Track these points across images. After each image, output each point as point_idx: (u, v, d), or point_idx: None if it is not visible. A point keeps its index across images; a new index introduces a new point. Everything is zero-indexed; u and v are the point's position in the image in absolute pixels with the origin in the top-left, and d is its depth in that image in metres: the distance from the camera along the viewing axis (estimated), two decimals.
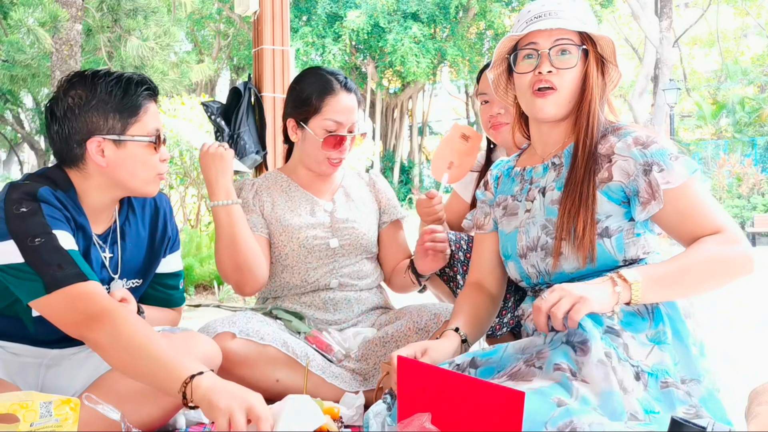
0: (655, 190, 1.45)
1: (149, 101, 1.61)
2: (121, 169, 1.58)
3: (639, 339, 1.39)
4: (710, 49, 23.50)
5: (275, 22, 4.53)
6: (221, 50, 19.94)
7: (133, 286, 1.72)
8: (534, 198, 1.62)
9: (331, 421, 1.61)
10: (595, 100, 1.55)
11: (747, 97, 19.10)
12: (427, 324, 1.98)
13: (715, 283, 1.43)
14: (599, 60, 1.58)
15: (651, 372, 1.33)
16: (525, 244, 1.61)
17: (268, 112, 4.59)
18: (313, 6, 18.12)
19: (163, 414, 1.59)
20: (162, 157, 1.63)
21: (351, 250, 2.10)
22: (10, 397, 1.26)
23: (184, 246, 5.53)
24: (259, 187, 2.16)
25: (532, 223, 1.60)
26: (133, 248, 1.71)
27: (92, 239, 1.62)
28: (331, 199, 2.16)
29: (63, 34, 5.86)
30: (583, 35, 1.56)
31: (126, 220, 1.72)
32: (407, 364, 1.30)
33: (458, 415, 1.20)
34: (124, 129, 1.57)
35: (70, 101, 1.56)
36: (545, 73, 1.53)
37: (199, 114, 6.82)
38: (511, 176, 1.73)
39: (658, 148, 1.48)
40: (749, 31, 24.22)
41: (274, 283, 2.13)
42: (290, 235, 2.07)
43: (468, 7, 18.01)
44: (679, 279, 1.40)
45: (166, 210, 1.80)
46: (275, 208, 2.11)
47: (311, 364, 1.87)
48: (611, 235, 1.50)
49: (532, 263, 1.60)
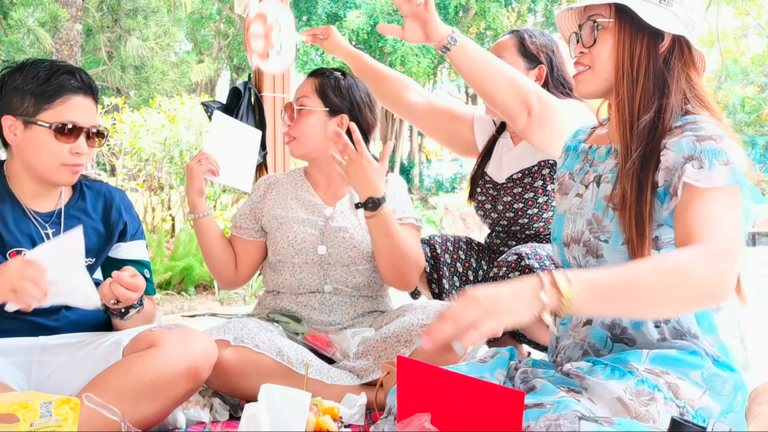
0: (680, 182, 1.27)
1: (73, 94, 1.68)
2: (28, 152, 1.68)
3: (691, 378, 1.28)
4: (710, 49, 23.48)
5: None
6: (221, 50, 19.92)
7: (85, 264, 1.76)
8: (589, 184, 1.47)
9: (331, 421, 1.62)
10: (625, 77, 1.39)
11: (747, 97, 19.10)
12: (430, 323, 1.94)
13: (669, 301, 1.17)
14: (639, 32, 1.39)
15: (695, 415, 1.24)
16: (570, 233, 1.47)
17: (268, 112, 4.59)
18: (313, 6, 18.12)
19: (162, 410, 1.59)
20: (75, 150, 1.68)
21: (339, 258, 2.08)
22: (10, 397, 1.26)
23: (184, 246, 5.52)
24: (274, 183, 2.22)
25: (580, 214, 1.45)
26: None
27: (28, 215, 1.73)
28: (334, 205, 2.15)
29: (63, 34, 5.86)
30: (613, 7, 1.41)
31: (74, 205, 1.80)
32: (407, 363, 1.30)
33: (458, 415, 1.20)
34: (35, 113, 1.66)
35: (2, 80, 1.70)
36: (578, 55, 1.47)
37: (199, 114, 6.81)
38: (578, 151, 1.57)
39: (715, 147, 1.28)
40: (749, 31, 24.21)
41: (273, 276, 2.15)
42: (282, 232, 2.11)
43: (468, 7, 18.01)
44: (627, 290, 1.15)
45: (120, 203, 1.88)
46: (277, 203, 2.16)
47: (309, 369, 1.85)
48: (660, 247, 1.35)
49: (573, 255, 1.47)
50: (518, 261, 2.02)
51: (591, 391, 1.23)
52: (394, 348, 1.91)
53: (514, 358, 1.49)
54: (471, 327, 1.10)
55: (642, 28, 1.40)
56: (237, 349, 1.84)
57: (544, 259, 2.02)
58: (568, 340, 1.51)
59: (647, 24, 1.38)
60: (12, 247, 1.67)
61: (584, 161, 1.54)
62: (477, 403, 1.16)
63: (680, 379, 1.28)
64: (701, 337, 1.36)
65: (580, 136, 1.63)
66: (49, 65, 1.69)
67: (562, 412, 1.12)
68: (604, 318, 1.38)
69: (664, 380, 1.27)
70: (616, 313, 1.27)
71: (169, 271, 5.20)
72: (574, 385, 1.26)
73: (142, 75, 6.82)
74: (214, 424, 1.79)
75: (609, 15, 1.43)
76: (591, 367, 1.30)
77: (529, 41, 2.24)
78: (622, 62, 1.41)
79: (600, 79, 1.45)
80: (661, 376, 1.27)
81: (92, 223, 1.81)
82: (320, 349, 1.99)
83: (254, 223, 2.19)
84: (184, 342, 1.62)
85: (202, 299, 5.34)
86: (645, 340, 1.38)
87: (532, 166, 2.24)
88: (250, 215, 2.20)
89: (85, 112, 1.70)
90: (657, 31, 1.40)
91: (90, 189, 1.86)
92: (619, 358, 1.33)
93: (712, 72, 22.55)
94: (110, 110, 7.17)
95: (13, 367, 1.65)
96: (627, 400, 1.20)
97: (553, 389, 1.23)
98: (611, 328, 1.42)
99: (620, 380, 1.25)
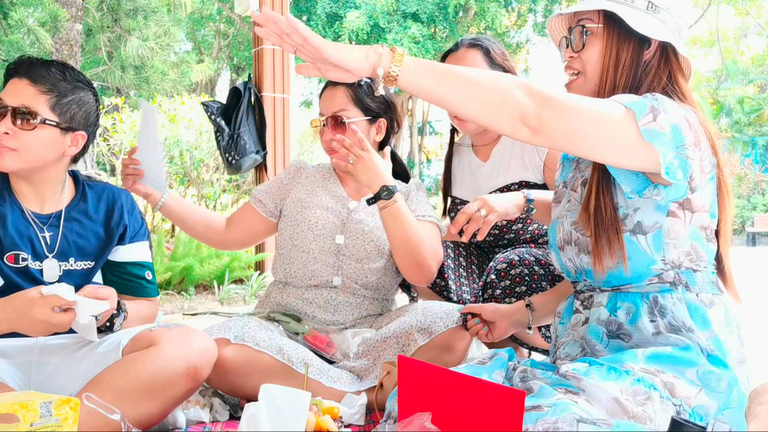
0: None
1: (17, 77, 1.66)
2: None
3: (687, 376, 1.30)
4: (710, 49, 23.49)
5: None
6: (221, 50, 19.93)
7: (84, 267, 1.77)
8: (577, 188, 1.53)
9: (331, 421, 1.62)
10: (607, 82, 1.44)
11: (747, 97, 19.10)
12: (431, 325, 1.93)
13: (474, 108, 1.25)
14: (627, 38, 1.43)
15: (691, 413, 1.26)
16: (561, 236, 1.53)
17: (268, 112, 4.60)
18: (312, 6, 18.13)
19: (161, 409, 1.59)
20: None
21: (356, 251, 2.10)
22: (10, 397, 1.26)
23: (184, 246, 5.53)
24: (304, 168, 2.28)
25: (567, 216, 1.52)
26: (82, 231, 1.77)
27: (27, 217, 1.72)
28: (359, 200, 2.19)
29: (63, 34, 5.86)
30: (602, 14, 1.45)
31: (76, 206, 1.79)
32: (408, 363, 1.30)
33: (458, 414, 1.20)
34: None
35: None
36: (568, 59, 1.49)
37: (199, 114, 6.82)
38: (570, 161, 1.63)
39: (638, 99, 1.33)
40: (749, 31, 24.21)
41: (284, 263, 2.16)
42: (304, 215, 2.14)
43: (467, 7, 18.01)
44: (451, 74, 1.25)
45: (123, 203, 1.87)
46: (304, 189, 2.20)
47: (309, 369, 1.85)
48: (646, 231, 1.39)
49: (569, 257, 1.52)
50: (508, 269, 2.06)
51: (588, 392, 1.23)
52: (393, 348, 1.91)
53: (512, 359, 1.49)
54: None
55: (629, 34, 1.43)
56: (237, 348, 1.84)
57: (532, 264, 2.03)
58: (566, 338, 1.52)
59: (634, 30, 1.41)
60: (10, 250, 1.67)
61: (575, 169, 1.57)
62: (477, 403, 1.16)
63: (676, 378, 1.28)
64: (696, 331, 1.36)
65: None
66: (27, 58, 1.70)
67: (559, 414, 1.12)
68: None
69: (660, 379, 1.27)
70: (436, 90, 1.27)
71: (169, 271, 5.20)
72: (571, 386, 1.26)
73: (142, 75, 6.82)
74: (214, 424, 1.79)
75: (598, 21, 1.45)
76: (587, 367, 1.30)
77: (495, 52, 2.25)
78: (606, 67, 1.44)
79: (591, 84, 1.47)
80: (657, 375, 1.28)
81: (93, 226, 1.80)
82: (320, 349, 1.98)
83: (275, 202, 2.24)
84: (184, 341, 1.62)
85: (202, 299, 5.33)
86: (641, 335, 1.39)
87: (511, 185, 2.27)
88: (275, 193, 2.24)
89: (14, 92, 1.66)
90: (644, 38, 1.43)
91: (92, 190, 1.85)
92: (615, 358, 1.33)
93: (712, 72, 22.55)
94: (110, 110, 7.17)
95: (12, 368, 1.65)
96: (623, 400, 1.21)
97: (551, 392, 1.23)
98: (608, 324, 1.43)
99: (616, 380, 1.25)
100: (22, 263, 1.67)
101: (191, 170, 6.64)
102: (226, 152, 4.49)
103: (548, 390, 1.24)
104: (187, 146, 6.63)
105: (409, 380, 1.28)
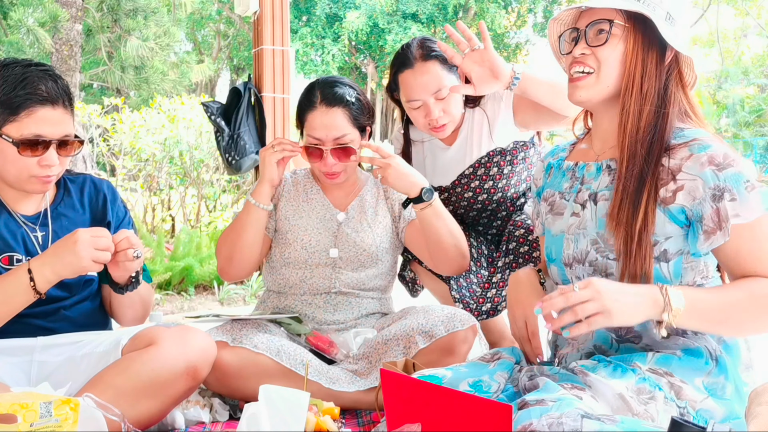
0: (722, 221, 1.28)
1: (40, 105, 1.60)
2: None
3: (695, 383, 1.30)
4: (710, 49, 23.49)
5: (275, 22, 4.53)
6: (221, 50, 19.92)
7: None
8: (584, 202, 1.45)
9: (331, 421, 1.62)
10: (634, 91, 1.37)
11: (747, 97, 19.09)
12: (432, 328, 1.91)
13: (759, 325, 1.29)
14: (651, 45, 1.37)
15: (695, 416, 1.25)
16: (572, 253, 1.46)
17: (268, 112, 4.59)
18: (312, 6, 18.12)
19: (161, 408, 1.59)
20: (44, 162, 1.62)
21: (350, 262, 2.10)
22: (10, 397, 1.26)
23: (184, 246, 5.52)
24: (283, 181, 2.20)
25: (583, 235, 1.44)
26: (72, 225, 1.77)
27: (16, 219, 1.71)
28: (346, 210, 2.16)
29: (63, 34, 5.86)
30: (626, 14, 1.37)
31: (60, 203, 1.79)
32: (390, 378, 1.25)
33: (446, 429, 1.18)
34: (2, 124, 1.60)
35: None
36: (578, 56, 1.40)
37: (199, 114, 6.81)
38: (562, 170, 1.56)
39: (734, 173, 1.29)
40: (749, 32, 24.20)
41: (277, 277, 2.14)
42: (295, 235, 2.10)
43: (467, 7, 18.01)
44: (723, 314, 1.27)
45: (106, 193, 1.86)
46: (289, 205, 2.15)
47: (309, 370, 1.84)
48: (669, 259, 1.36)
49: (577, 275, 1.46)
50: (526, 235, 2.16)
51: (594, 388, 1.23)
52: (394, 351, 1.91)
53: (519, 361, 1.49)
54: (584, 324, 1.22)
55: (652, 42, 1.37)
56: (236, 350, 1.84)
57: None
58: (567, 349, 1.51)
59: (658, 39, 1.36)
60: (3, 252, 1.67)
61: (573, 179, 1.51)
62: (465, 417, 1.15)
63: (683, 383, 1.28)
64: (705, 334, 1.37)
65: (561, 154, 1.60)
66: (21, 71, 1.60)
67: (564, 410, 1.12)
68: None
69: (666, 380, 1.27)
70: (708, 332, 1.34)
71: (169, 271, 5.19)
72: (577, 381, 1.26)
73: (142, 75, 6.82)
74: (214, 425, 1.79)
75: (624, 21, 1.38)
76: (595, 364, 1.31)
77: (446, 54, 2.02)
78: (632, 74, 1.37)
79: (602, 86, 1.40)
80: (664, 377, 1.28)
81: (81, 218, 1.81)
82: (323, 350, 1.98)
83: (273, 220, 2.16)
84: (183, 340, 1.62)
85: (202, 299, 5.33)
86: (650, 337, 1.38)
87: (482, 158, 2.25)
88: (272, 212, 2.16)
89: (52, 124, 1.62)
90: (663, 47, 1.38)
91: (74, 183, 1.86)
92: (624, 358, 1.33)
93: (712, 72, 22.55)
94: (110, 110, 7.16)
95: (12, 368, 1.65)
96: (628, 397, 1.21)
97: (555, 387, 1.23)
98: (617, 329, 1.41)
99: (622, 378, 1.25)
100: (16, 264, 1.67)
101: (191, 170, 6.64)
102: (226, 152, 4.49)
103: (552, 385, 1.24)
104: (187, 146, 6.63)
105: (394, 394, 1.25)
